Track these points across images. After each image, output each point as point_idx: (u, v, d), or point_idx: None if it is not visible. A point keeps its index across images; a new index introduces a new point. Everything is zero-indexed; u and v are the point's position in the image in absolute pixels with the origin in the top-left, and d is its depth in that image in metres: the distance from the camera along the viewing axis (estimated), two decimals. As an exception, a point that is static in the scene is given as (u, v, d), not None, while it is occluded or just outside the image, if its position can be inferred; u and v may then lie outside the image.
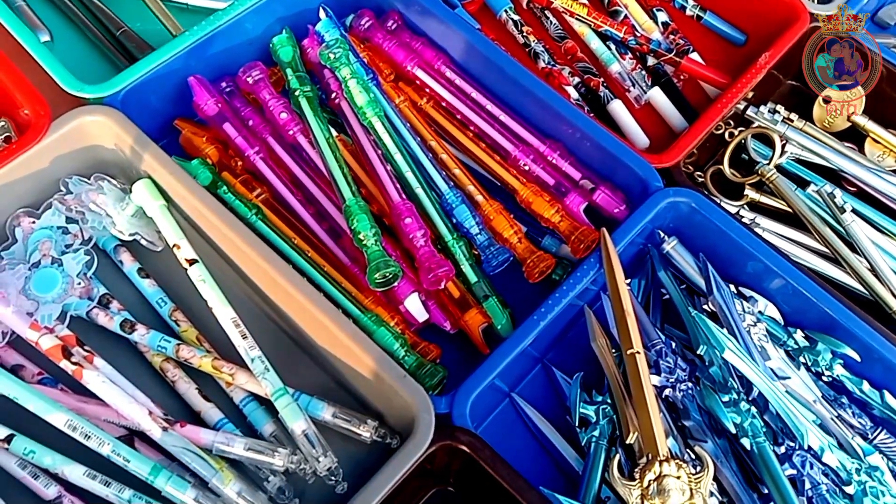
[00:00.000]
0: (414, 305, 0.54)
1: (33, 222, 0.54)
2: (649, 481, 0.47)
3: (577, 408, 0.52)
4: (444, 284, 0.55)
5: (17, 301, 0.50)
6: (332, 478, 0.48)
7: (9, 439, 0.46)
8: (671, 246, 0.58)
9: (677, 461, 0.47)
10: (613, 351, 0.54)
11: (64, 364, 0.47)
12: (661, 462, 0.47)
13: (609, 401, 0.52)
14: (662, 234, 0.59)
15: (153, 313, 0.54)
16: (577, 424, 0.52)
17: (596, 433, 0.51)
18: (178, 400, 0.51)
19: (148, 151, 0.55)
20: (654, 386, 0.51)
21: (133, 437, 0.49)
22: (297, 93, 0.60)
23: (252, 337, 0.51)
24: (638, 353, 0.51)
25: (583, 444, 0.52)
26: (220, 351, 0.52)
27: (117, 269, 0.56)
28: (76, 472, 0.46)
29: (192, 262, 0.53)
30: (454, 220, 0.58)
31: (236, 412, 0.51)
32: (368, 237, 0.54)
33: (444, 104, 0.64)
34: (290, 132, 0.60)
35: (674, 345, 0.54)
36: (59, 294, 0.51)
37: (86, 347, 0.49)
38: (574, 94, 0.67)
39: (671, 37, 0.72)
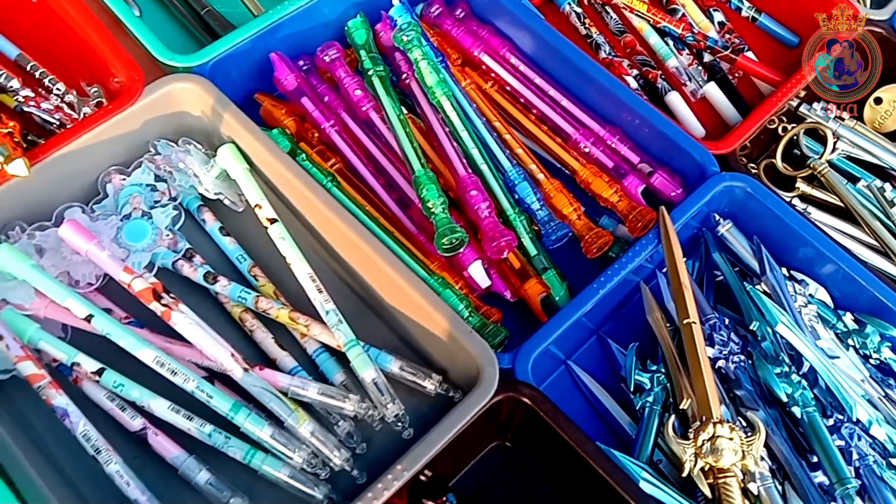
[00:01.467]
0: (477, 272, 0.57)
1: (124, 179, 0.58)
2: (703, 441, 0.48)
3: (632, 374, 0.54)
4: (506, 254, 0.58)
5: (110, 248, 0.53)
6: (400, 423, 0.50)
7: (100, 372, 0.49)
8: (726, 229, 0.60)
9: (730, 424, 0.49)
10: (668, 325, 0.56)
11: (154, 306, 0.51)
12: (714, 424, 0.49)
13: (663, 370, 0.54)
14: (718, 217, 0.61)
15: (233, 269, 0.57)
16: (631, 391, 0.54)
17: (650, 399, 0.53)
18: (254, 349, 0.54)
19: (234, 118, 0.58)
20: (708, 358, 0.53)
21: (213, 379, 0.52)
22: (370, 72, 0.64)
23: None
24: (694, 322, 0.53)
25: (637, 408, 0.54)
26: (294, 307, 0.55)
27: (199, 228, 0.59)
28: (161, 406, 0.49)
29: (272, 220, 0.56)
30: (516, 196, 0.61)
31: (308, 363, 0.54)
32: (437, 205, 0.57)
33: (508, 88, 0.67)
34: (363, 108, 0.63)
35: (727, 321, 0.56)
36: (148, 244, 0.54)
37: (171, 295, 0.52)
38: (633, 84, 0.69)
39: (727, 36, 0.75)
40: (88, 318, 0.50)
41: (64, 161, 0.56)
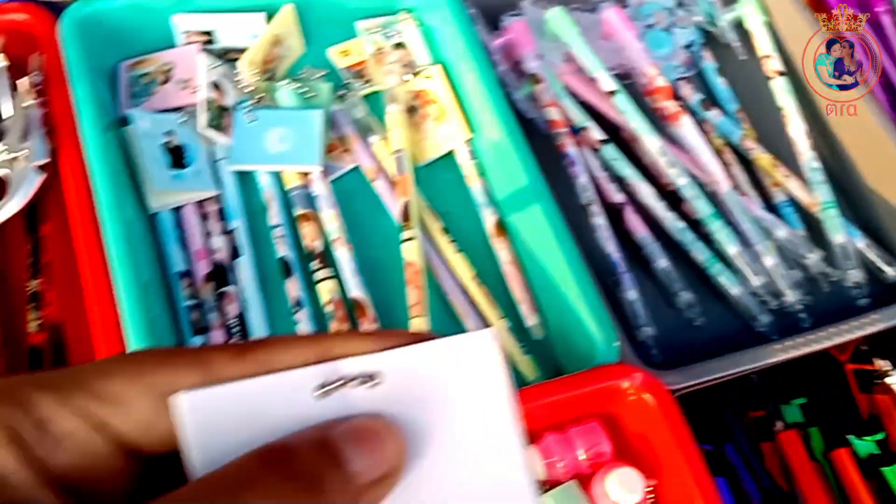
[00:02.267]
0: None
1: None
2: None
3: None
4: None
5: (633, 46, 0.58)
6: (857, 289, 0.51)
7: (604, 142, 0.54)
8: None
9: None
10: None
11: (669, 104, 0.55)
12: None
13: None
14: None
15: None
16: None
17: None
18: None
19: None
20: None
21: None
22: (894, -23, 0.63)
23: (814, 153, 0.55)
24: None
25: None
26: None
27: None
28: (646, 190, 0.53)
29: (780, 73, 0.58)
30: None
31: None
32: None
33: None
34: (878, 9, 0.63)
35: None
36: (666, 54, 0.58)
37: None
38: None
39: None
40: (611, 93, 0.55)
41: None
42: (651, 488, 0.43)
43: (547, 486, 0.45)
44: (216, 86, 0.53)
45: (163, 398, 0.16)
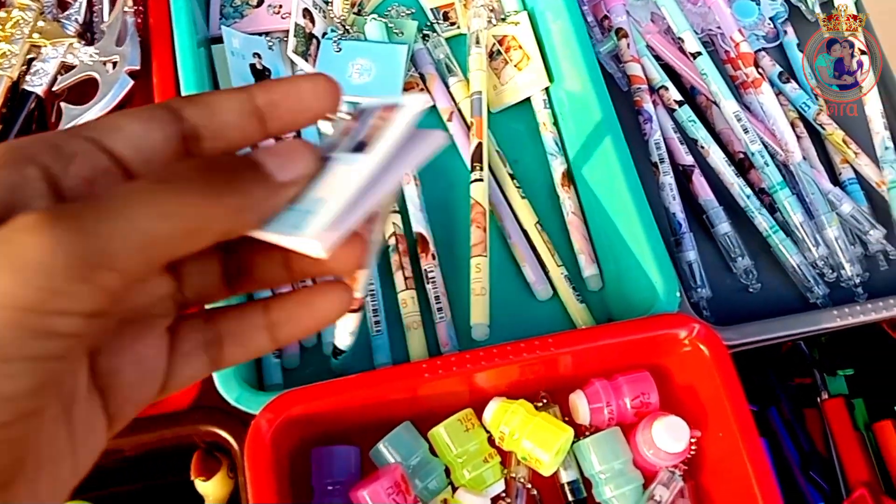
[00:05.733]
0: None
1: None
2: None
3: None
4: None
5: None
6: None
7: (680, 103, 0.55)
8: None
9: None
10: None
11: (750, 70, 0.55)
12: None
13: None
14: None
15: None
16: None
17: None
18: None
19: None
20: None
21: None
22: None
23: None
24: None
25: None
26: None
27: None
28: (718, 155, 0.54)
29: (863, 53, 0.58)
30: None
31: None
32: None
33: None
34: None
35: None
36: (751, 23, 0.59)
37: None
38: None
39: None
40: (695, 55, 0.55)
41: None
42: (695, 440, 0.44)
43: (591, 430, 0.46)
44: (307, 13, 0.54)
45: (147, 124, 0.20)
